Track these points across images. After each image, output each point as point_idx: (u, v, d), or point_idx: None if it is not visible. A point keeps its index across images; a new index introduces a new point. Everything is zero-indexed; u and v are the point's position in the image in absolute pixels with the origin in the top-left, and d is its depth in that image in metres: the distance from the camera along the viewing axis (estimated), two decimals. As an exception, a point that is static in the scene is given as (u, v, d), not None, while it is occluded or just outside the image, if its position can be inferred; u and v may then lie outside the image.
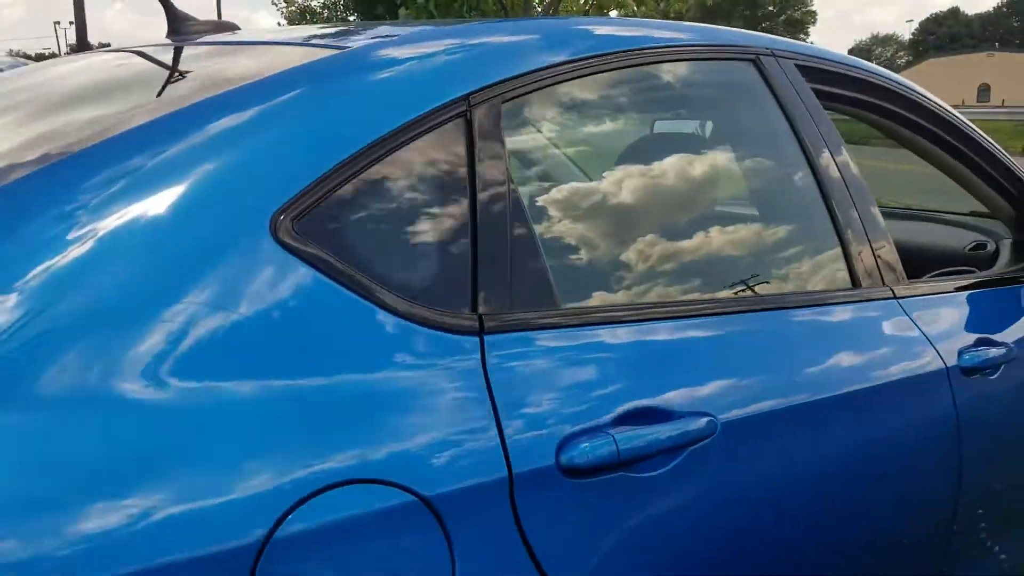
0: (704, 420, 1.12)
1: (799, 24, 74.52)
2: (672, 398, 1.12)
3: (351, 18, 14.25)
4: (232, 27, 1.68)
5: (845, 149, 1.62)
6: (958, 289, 1.79)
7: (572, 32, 1.41)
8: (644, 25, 1.61)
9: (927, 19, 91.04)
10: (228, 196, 0.92)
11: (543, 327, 1.08)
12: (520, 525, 0.95)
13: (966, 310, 1.76)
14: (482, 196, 1.08)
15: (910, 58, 73.24)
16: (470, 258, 1.05)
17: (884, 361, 1.48)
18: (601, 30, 1.43)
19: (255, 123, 0.99)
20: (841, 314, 1.49)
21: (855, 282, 1.53)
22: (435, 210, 1.06)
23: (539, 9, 6.37)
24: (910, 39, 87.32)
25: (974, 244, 2.21)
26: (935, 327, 1.60)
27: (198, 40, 1.57)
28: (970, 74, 50.00)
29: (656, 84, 1.55)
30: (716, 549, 1.16)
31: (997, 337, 1.71)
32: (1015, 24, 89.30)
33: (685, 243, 1.47)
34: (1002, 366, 1.68)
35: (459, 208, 1.07)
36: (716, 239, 1.52)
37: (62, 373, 0.77)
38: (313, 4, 15.37)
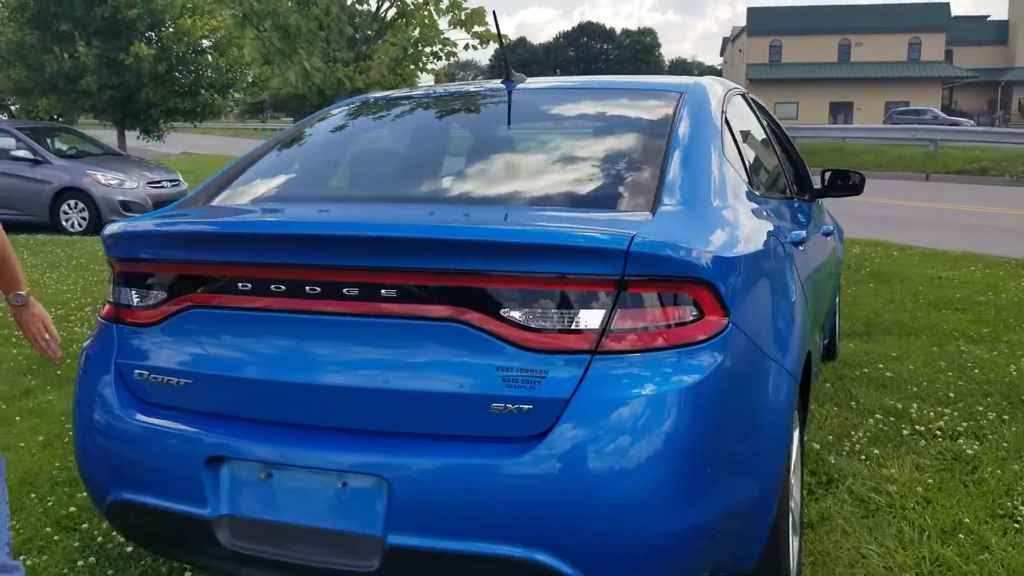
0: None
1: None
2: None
3: (31, 33, 13.83)
4: (523, 78, 3.21)
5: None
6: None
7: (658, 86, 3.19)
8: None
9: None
10: (709, 137, 2.60)
11: None
12: None
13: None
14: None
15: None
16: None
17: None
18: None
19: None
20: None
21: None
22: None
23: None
24: (487, 64, 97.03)
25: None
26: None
27: (541, 84, 3.13)
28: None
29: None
30: None
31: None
32: (571, 53, 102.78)
33: None
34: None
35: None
36: None
37: None
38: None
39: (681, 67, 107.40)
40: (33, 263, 8.90)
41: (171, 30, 14.83)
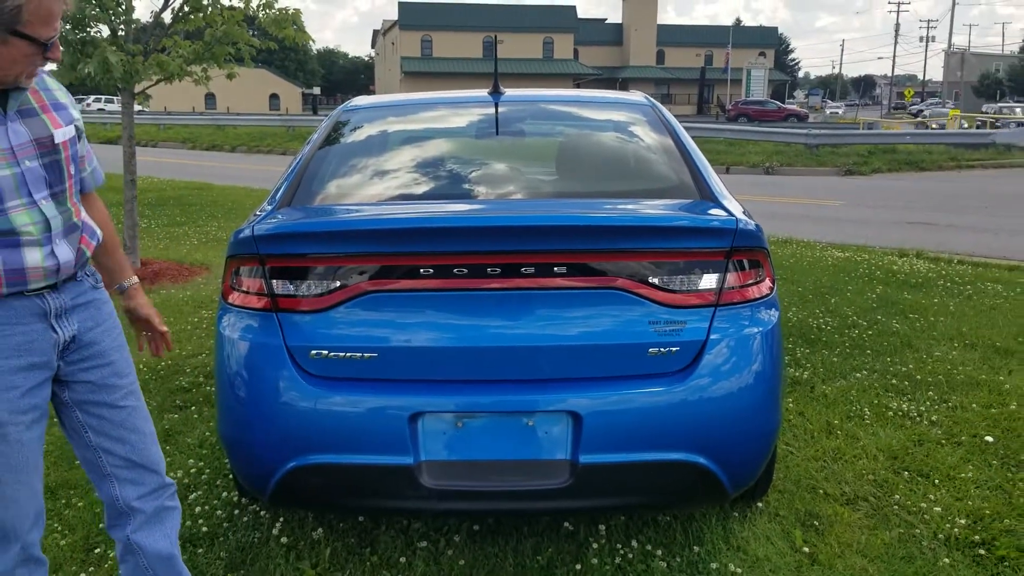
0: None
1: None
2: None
3: None
4: (500, 91, 3.73)
5: None
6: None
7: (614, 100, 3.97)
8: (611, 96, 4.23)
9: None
10: (688, 137, 3.37)
11: None
12: None
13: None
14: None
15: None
16: None
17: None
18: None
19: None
20: None
21: None
22: None
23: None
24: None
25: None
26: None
27: (522, 95, 3.69)
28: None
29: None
30: None
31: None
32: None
33: None
34: None
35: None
36: None
37: None
38: None
39: (330, 56, 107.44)
40: None
41: None
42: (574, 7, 70.71)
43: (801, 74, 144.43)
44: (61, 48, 1.88)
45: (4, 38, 1.82)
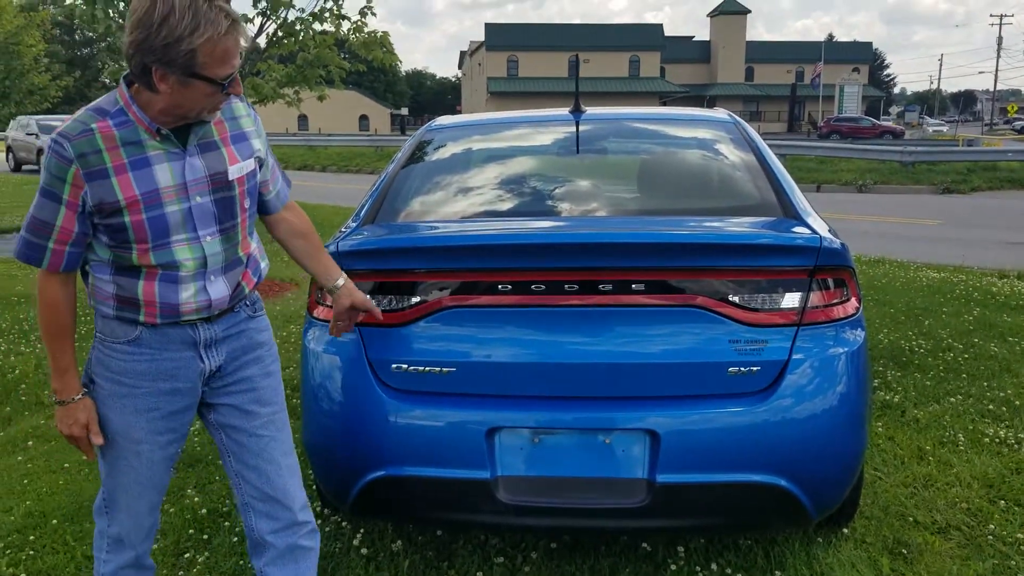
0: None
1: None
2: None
3: None
4: (581, 110, 3.76)
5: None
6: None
7: (697, 116, 3.94)
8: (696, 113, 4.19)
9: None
10: (773, 154, 3.33)
11: None
12: None
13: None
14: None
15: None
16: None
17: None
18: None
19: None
20: None
21: None
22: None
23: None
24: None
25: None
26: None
27: (606, 113, 3.71)
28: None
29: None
30: None
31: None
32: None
33: None
34: None
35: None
36: None
37: None
38: None
39: (418, 78, 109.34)
40: None
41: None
42: (661, 25, 70.48)
43: (897, 90, 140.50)
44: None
45: (184, 80, 1.84)
